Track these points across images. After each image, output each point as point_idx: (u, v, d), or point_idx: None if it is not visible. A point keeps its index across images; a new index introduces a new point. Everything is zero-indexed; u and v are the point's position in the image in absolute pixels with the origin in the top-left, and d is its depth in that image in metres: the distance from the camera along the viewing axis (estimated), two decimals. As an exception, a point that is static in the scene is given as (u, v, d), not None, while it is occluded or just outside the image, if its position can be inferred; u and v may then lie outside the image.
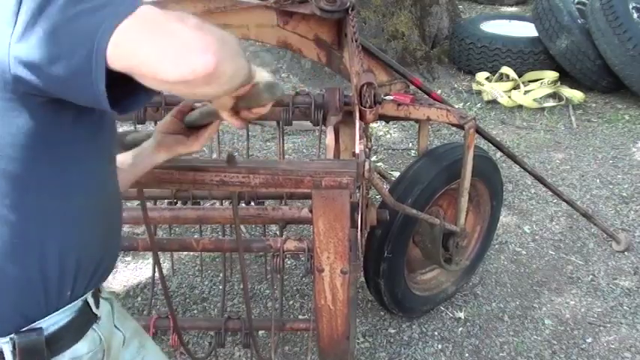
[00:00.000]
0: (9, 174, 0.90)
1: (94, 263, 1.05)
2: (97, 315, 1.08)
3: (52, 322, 0.99)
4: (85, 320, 1.05)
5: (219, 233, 2.76)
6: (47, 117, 0.90)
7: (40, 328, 0.98)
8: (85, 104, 0.88)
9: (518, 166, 2.82)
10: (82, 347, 1.04)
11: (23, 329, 0.97)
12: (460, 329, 2.50)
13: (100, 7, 0.82)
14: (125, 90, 0.86)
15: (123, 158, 1.25)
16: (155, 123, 1.90)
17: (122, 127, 2.52)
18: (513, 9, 6.41)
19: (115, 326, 1.16)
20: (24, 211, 0.93)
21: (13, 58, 0.83)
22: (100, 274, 1.08)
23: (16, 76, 0.84)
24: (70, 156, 0.96)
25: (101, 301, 1.11)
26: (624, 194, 3.38)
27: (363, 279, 2.42)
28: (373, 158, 3.64)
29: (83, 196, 1.00)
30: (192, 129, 1.26)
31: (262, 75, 1.04)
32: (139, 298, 2.63)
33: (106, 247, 1.09)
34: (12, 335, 0.96)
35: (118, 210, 1.15)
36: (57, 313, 0.99)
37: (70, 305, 1.01)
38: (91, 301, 1.06)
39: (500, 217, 2.80)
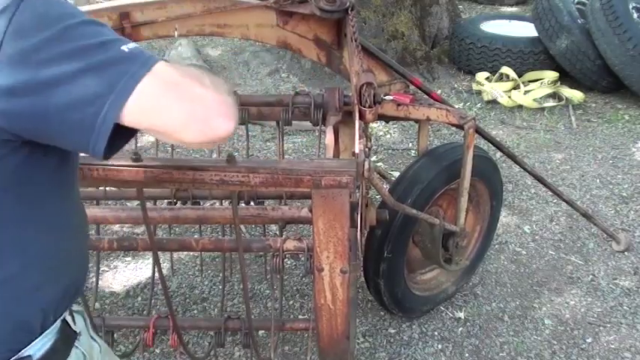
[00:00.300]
0: None
1: (75, 286, 1.06)
2: (76, 332, 1.08)
3: (38, 347, 0.99)
4: (67, 339, 1.05)
5: (219, 233, 2.76)
6: (20, 157, 0.88)
7: (29, 356, 0.97)
8: (69, 149, 0.88)
9: (518, 166, 2.81)
10: None
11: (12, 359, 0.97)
12: (460, 329, 2.50)
13: (110, 63, 0.80)
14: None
15: None
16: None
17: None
18: (513, 9, 6.41)
19: (91, 337, 1.16)
20: (5, 249, 0.92)
21: None
22: (77, 293, 1.09)
23: None
24: (47, 187, 0.95)
25: (75, 315, 1.11)
26: (624, 194, 3.37)
27: (362, 279, 2.42)
28: (373, 158, 3.64)
29: (61, 225, 1.00)
30: None
31: None
32: (139, 298, 2.63)
33: (83, 266, 1.11)
34: None
35: (87, 226, 1.16)
36: (41, 337, 0.99)
37: (51, 328, 1.01)
38: (69, 319, 1.06)
39: (500, 217, 2.80)
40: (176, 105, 0.81)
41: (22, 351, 0.97)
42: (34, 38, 0.79)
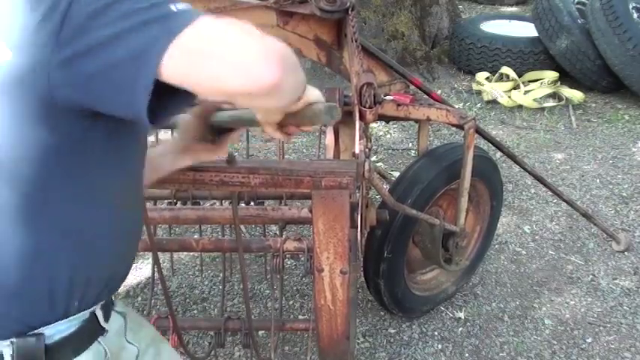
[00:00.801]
0: (28, 184, 0.89)
1: (106, 277, 1.03)
2: (104, 328, 1.05)
3: (55, 331, 0.97)
4: (90, 332, 1.03)
5: (219, 233, 2.76)
6: (68, 129, 0.89)
7: (42, 335, 0.96)
8: (121, 117, 0.88)
9: (518, 166, 2.81)
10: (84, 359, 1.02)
11: (25, 334, 0.95)
12: (460, 329, 2.50)
13: (155, 20, 0.81)
14: (159, 101, 0.84)
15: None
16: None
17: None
18: (513, 9, 6.41)
19: (128, 341, 1.13)
20: (38, 220, 0.91)
21: (56, 75, 0.82)
22: (110, 287, 1.06)
23: (55, 91, 0.83)
24: (91, 167, 0.94)
25: (113, 314, 1.09)
26: (624, 194, 3.38)
27: (362, 279, 2.42)
28: (373, 158, 3.64)
29: (101, 209, 0.98)
30: (215, 133, 1.22)
31: (314, 94, 1.05)
32: (139, 298, 2.63)
33: (120, 261, 1.07)
34: (13, 339, 0.95)
35: (137, 223, 1.12)
36: (62, 322, 0.98)
37: (76, 315, 0.99)
38: (99, 313, 1.04)
39: (501, 217, 2.80)
40: (217, 51, 0.78)
41: (39, 329, 0.96)
42: (96, 4, 0.81)
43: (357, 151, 1.67)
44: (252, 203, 2.39)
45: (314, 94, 1.05)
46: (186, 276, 2.77)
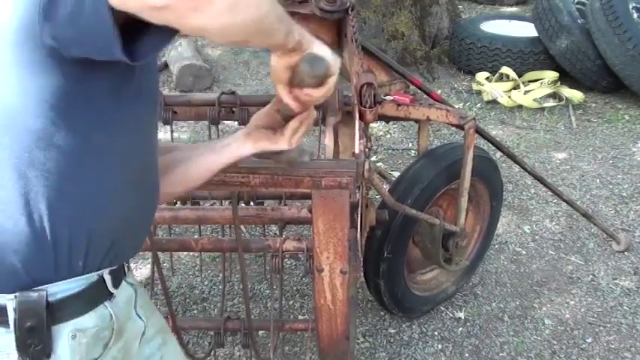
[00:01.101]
0: (33, 130, 0.89)
1: (110, 239, 1.02)
2: (112, 293, 1.04)
3: (60, 289, 0.97)
4: (96, 294, 1.02)
5: (219, 233, 2.76)
6: (74, 76, 0.89)
7: (44, 291, 0.95)
8: (104, 58, 0.87)
9: (518, 166, 2.81)
10: (88, 321, 1.00)
11: (30, 289, 0.95)
12: (460, 329, 2.49)
13: None
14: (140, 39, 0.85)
15: (196, 148, 1.24)
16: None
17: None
18: (513, 9, 6.41)
19: (137, 314, 1.13)
20: (41, 167, 0.91)
21: (43, 28, 0.83)
22: (116, 254, 1.04)
23: (46, 40, 0.84)
24: (94, 121, 0.94)
25: (124, 284, 1.08)
26: (624, 194, 3.37)
27: (362, 279, 2.42)
28: (373, 158, 3.64)
29: (102, 165, 0.97)
30: (283, 122, 1.17)
31: (320, 49, 0.98)
32: (139, 298, 2.63)
33: (126, 227, 1.05)
34: (17, 293, 0.94)
35: (143, 191, 1.09)
36: (67, 281, 0.97)
37: (82, 276, 0.99)
38: (107, 278, 1.03)
39: (500, 217, 2.80)
40: None
41: (43, 285, 0.95)
42: None
43: (356, 150, 1.67)
44: (251, 203, 2.39)
45: (320, 49, 0.97)
46: (186, 276, 2.77)
